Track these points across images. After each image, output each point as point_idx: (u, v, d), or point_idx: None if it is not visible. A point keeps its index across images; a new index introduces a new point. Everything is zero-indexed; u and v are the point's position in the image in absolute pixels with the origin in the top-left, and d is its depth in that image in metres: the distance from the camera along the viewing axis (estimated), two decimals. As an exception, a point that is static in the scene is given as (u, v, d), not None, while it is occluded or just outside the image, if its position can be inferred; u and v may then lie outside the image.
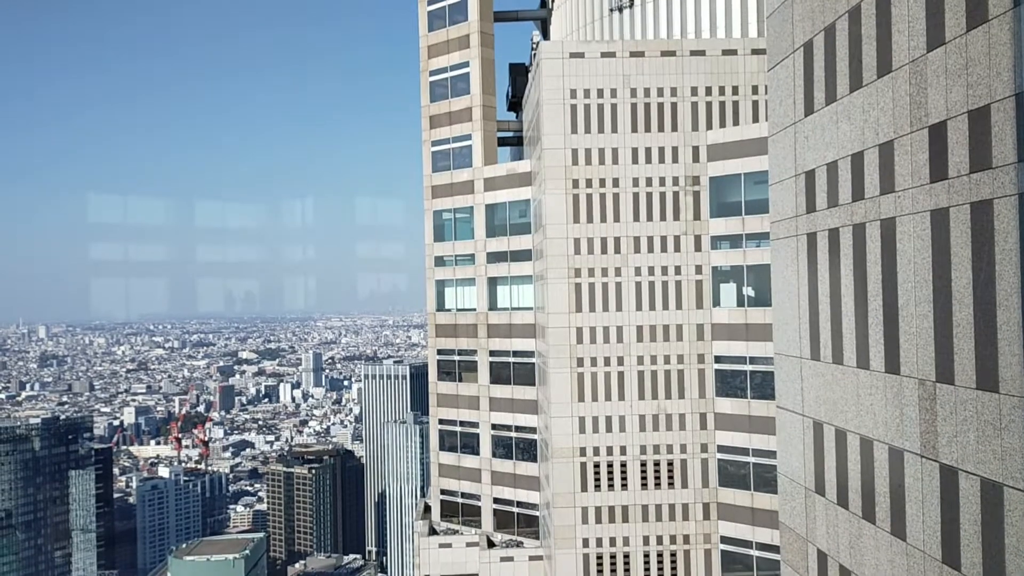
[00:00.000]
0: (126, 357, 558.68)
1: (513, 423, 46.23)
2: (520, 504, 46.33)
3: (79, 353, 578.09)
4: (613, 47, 40.12)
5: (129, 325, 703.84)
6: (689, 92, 39.86)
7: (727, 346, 39.26)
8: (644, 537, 39.97)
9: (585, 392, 39.90)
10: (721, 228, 39.38)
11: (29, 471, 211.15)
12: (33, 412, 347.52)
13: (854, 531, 18.42)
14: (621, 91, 39.75)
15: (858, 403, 18.05)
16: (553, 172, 39.88)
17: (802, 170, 20.44)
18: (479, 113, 47.34)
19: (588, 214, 39.88)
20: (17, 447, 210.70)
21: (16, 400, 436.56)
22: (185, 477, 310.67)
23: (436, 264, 49.89)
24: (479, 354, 47.55)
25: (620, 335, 39.90)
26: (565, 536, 39.96)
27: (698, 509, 39.97)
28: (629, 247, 39.84)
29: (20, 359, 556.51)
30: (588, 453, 39.96)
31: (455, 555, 46.65)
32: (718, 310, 39.62)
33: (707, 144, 39.64)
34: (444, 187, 49.06)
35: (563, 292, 39.93)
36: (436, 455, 50.09)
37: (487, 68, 47.50)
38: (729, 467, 39.55)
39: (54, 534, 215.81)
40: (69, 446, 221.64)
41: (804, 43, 20.10)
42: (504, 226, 46.84)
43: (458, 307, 48.96)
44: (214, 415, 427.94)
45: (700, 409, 39.88)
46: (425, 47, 49.76)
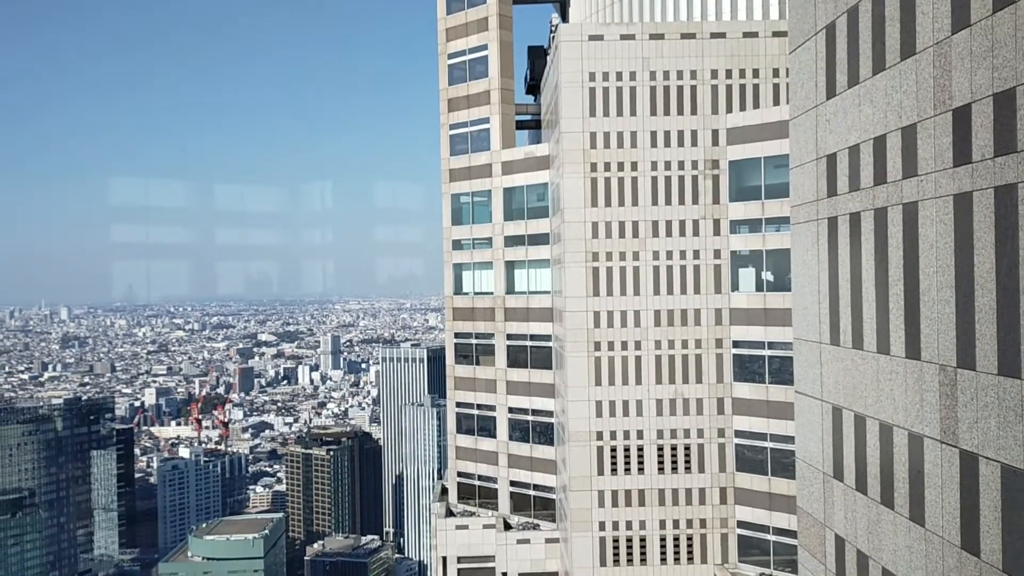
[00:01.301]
0: (147, 339, 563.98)
1: (530, 406, 46.34)
2: (537, 487, 46.50)
3: (101, 335, 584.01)
4: (632, 29, 39.81)
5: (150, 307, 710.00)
6: (709, 75, 39.53)
7: (745, 331, 39.11)
8: (660, 521, 40.04)
9: (602, 376, 39.90)
10: (740, 212, 39.13)
11: (52, 451, 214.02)
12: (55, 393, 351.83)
13: (872, 516, 18.37)
14: (640, 74, 39.48)
15: (878, 388, 17.95)
16: (571, 155, 39.74)
17: (823, 153, 20.26)
18: (497, 96, 47.17)
19: (606, 198, 39.74)
20: (40, 427, 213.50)
21: (39, 381, 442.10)
22: (205, 458, 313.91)
23: (454, 248, 49.92)
24: (496, 338, 47.63)
25: (638, 319, 39.83)
26: (581, 519, 40.09)
27: (715, 493, 39.98)
28: (647, 231, 39.69)
29: (42, 340, 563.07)
30: (605, 437, 40.01)
31: (472, 537, 46.92)
32: (736, 295, 39.45)
33: (727, 127, 39.34)
34: (462, 170, 49.00)
35: (581, 276, 39.87)
36: (453, 438, 50.33)
37: (505, 51, 47.28)
38: (746, 452, 39.49)
39: (76, 513, 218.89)
40: (91, 427, 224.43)
41: (826, 25, 19.87)
42: (522, 210, 46.76)
43: (475, 291, 49.02)
44: (234, 396, 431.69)
45: (718, 394, 39.81)
46: (443, 30, 49.58)
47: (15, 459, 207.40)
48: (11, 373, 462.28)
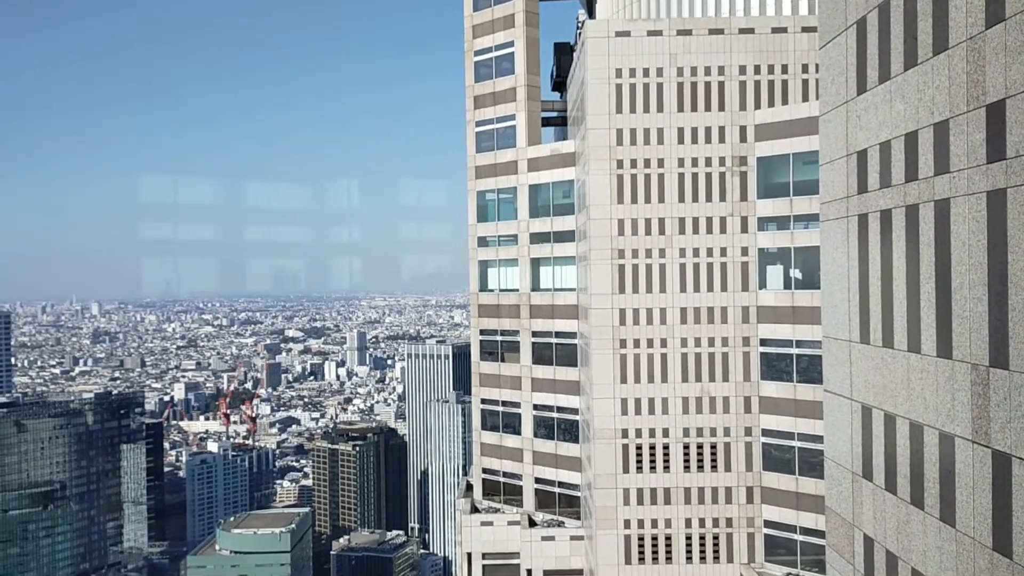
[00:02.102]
0: (176, 334, 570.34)
1: (555, 404, 46.31)
2: (561, 484, 46.47)
3: (131, 330, 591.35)
4: (660, 25, 39.61)
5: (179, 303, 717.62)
6: (737, 71, 39.24)
7: (773, 329, 38.80)
8: (686, 520, 39.87)
9: (628, 374, 39.78)
10: (768, 209, 38.83)
11: (82, 445, 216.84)
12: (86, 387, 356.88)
13: (902, 516, 18.17)
14: (667, 70, 39.28)
15: (908, 387, 17.75)
16: (597, 152, 39.63)
17: (854, 150, 20.05)
18: (523, 93, 47.14)
19: (632, 195, 39.59)
20: (71, 421, 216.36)
21: (70, 375, 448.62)
22: (233, 452, 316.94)
23: (479, 244, 49.97)
24: (521, 334, 47.64)
25: (664, 317, 39.66)
26: (606, 517, 40.02)
27: (741, 493, 39.74)
28: (674, 228, 39.49)
29: (74, 335, 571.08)
30: (630, 435, 39.89)
31: (497, 533, 47.01)
32: (764, 292, 39.15)
33: (755, 124, 39.04)
34: (488, 167, 49.02)
35: (606, 273, 39.76)
36: (478, 434, 50.43)
37: (532, 48, 47.24)
38: (773, 451, 39.21)
39: (106, 506, 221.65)
40: (121, 420, 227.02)
41: (857, 20, 19.65)
42: (547, 207, 46.70)
43: (501, 287, 49.04)
44: (261, 392, 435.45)
45: (744, 392, 39.55)
46: (470, 27, 49.62)
47: (47, 452, 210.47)
48: (43, 368, 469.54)
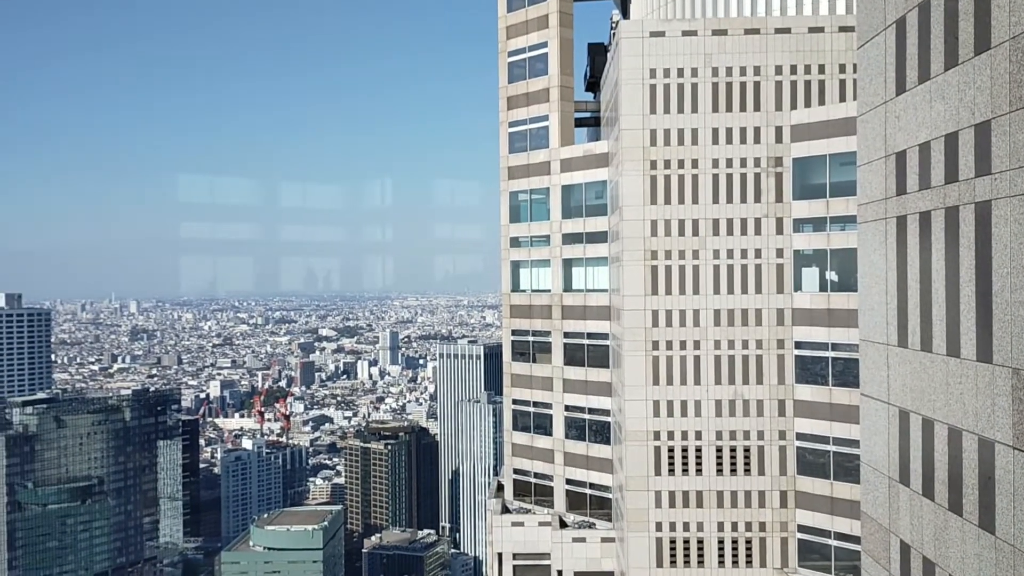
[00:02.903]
0: (212, 332, 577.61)
1: (586, 405, 46.20)
2: (592, 486, 46.35)
3: (168, 328, 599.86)
4: (695, 25, 39.37)
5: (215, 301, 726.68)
6: (773, 71, 38.88)
7: (808, 332, 38.38)
8: (719, 523, 39.57)
9: (660, 376, 39.57)
10: (804, 211, 38.42)
11: (120, 440, 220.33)
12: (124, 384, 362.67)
13: (940, 523, 17.90)
14: (702, 70, 39.02)
15: (947, 392, 17.48)
16: (631, 153, 39.48)
17: (892, 151, 19.78)
18: (556, 94, 47.10)
19: (666, 195, 39.38)
20: (109, 417, 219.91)
21: (108, 372, 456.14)
22: (267, 449, 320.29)
23: (511, 245, 50.01)
24: (553, 335, 47.59)
25: (697, 319, 39.39)
26: (638, 519, 39.85)
27: (775, 497, 39.35)
28: (708, 229, 39.22)
29: (112, 333, 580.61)
30: (662, 437, 39.68)
31: (527, 534, 47.01)
32: (799, 295, 38.74)
33: (791, 124, 38.65)
34: (520, 168, 49.05)
35: (639, 274, 39.59)
36: (509, 435, 50.46)
37: (565, 48, 47.17)
38: (808, 455, 38.79)
39: (143, 501, 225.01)
40: (158, 417, 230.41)
41: (896, 20, 19.39)
42: (580, 207, 46.62)
43: (533, 288, 49.04)
44: (295, 390, 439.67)
45: (779, 395, 39.16)
46: (504, 28, 49.69)
47: (85, 448, 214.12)
48: (82, 364, 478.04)
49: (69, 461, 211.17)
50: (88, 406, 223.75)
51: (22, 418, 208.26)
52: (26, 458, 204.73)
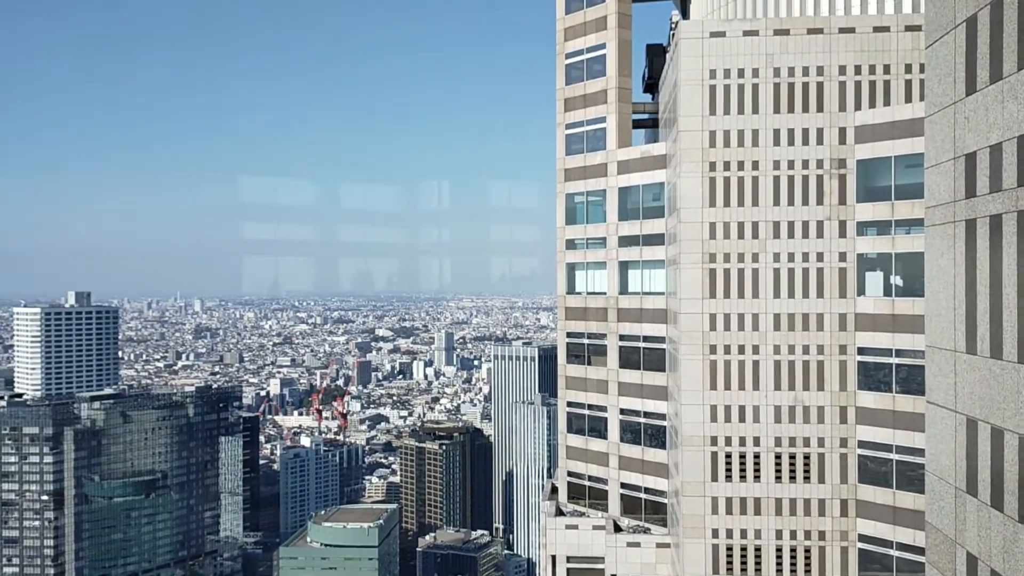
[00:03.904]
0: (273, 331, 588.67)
1: (642, 408, 45.87)
2: (648, 490, 46.00)
3: (230, 326, 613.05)
4: (756, 25, 38.83)
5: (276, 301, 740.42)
6: (836, 71, 38.13)
7: (871, 337, 37.52)
8: (777, 531, 38.91)
9: (718, 380, 39.09)
10: (868, 213, 37.59)
11: (183, 436, 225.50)
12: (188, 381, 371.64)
13: (1009, 535, 17.36)
14: (764, 71, 38.46)
15: (1017, 400, 16.95)
16: (689, 154, 39.09)
17: (962, 153, 19.25)
18: (614, 95, 46.86)
19: (725, 198, 38.90)
20: (173, 413, 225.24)
21: (173, 369, 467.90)
22: (325, 447, 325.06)
23: (567, 247, 49.90)
24: (608, 338, 47.35)
25: (756, 323, 38.81)
26: (694, 525, 39.42)
27: (835, 505, 38.56)
28: (768, 232, 38.62)
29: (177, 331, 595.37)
30: (719, 442, 39.19)
31: (581, 537, 46.84)
32: (863, 299, 37.90)
33: (855, 125, 37.85)
34: (577, 170, 48.93)
35: (697, 277, 39.17)
36: (564, 437, 50.34)
37: (624, 49, 46.93)
38: (870, 463, 37.92)
39: (204, 496, 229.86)
40: (220, 414, 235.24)
41: (967, 18, 18.87)
42: (637, 209, 46.32)
43: (588, 290, 48.87)
44: (352, 389, 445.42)
45: (840, 402, 38.36)
46: (562, 30, 49.63)
47: (150, 443, 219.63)
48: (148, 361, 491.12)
49: (134, 455, 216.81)
50: (153, 402, 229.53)
51: (90, 413, 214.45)
52: (93, 452, 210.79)
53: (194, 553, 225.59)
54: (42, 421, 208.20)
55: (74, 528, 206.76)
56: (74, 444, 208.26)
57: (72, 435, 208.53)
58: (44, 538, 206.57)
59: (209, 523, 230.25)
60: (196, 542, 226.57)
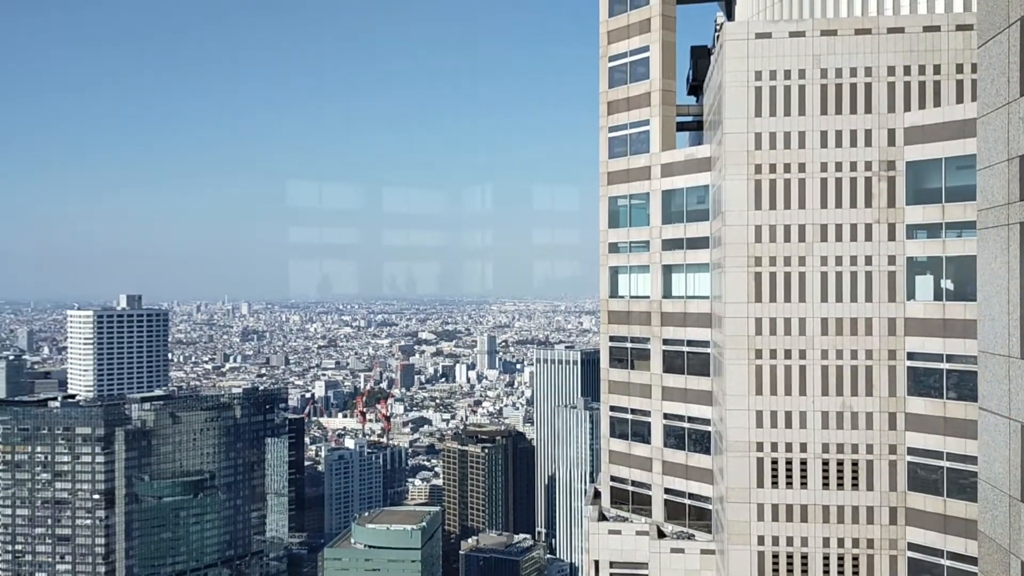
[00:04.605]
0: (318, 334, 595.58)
1: (686, 413, 45.51)
2: (692, 496, 45.62)
3: (276, 329, 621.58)
4: (803, 26, 38.38)
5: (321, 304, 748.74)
6: (885, 72, 37.51)
7: (922, 342, 36.80)
8: (824, 539, 38.32)
9: (763, 385, 38.63)
10: (918, 216, 36.89)
11: (230, 437, 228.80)
12: (235, 382, 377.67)
13: (1067, 548, 16.90)
14: (810, 71, 37.98)
15: (1075, 409, 16.50)
16: (734, 157, 38.74)
17: (1016, 154, 18.82)
18: (658, 98, 46.65)
19: (771, 200, 38.46)
20: (221, 414, 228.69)
21: (221, 371, 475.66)
22: (368, 449, 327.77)
23: (610, 251, 49.73)
24: (652, 342, 47.08)
25: (803, 327, 38.30)
26: (739, 532, 38.99)
27: (884, 513, 37.86)
28: (815, 235, 38.09)
29: (225, 333, 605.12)
30: (765, 448, 38.72)
31: (624, 542, 46.61)
32: (912, 304, 37.20)
33: (904, 127, 37.19)
34: (620, 173, 48.77)
35: (742, 281, 38.78)
36: (606, 442, 50.14)
37: (668, 52, 46.69)
38: (920, 470, 37.18)
39: (251, 496, 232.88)
40: (266, 415, 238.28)
41: (1021, 17, 18.46)
42: (681, 213, 46.02)
43: (631, 294, 48.64)
44: (395, 392, 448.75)
45: (889, 408, 37.68)
46: (605, 33, 49.53)
47: (198, 443, 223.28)
48: (196, 363, 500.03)
49: (183, 456, 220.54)
50: (201, 403, 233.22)
51: (140, 414, 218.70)
52: (143, 452, 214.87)
53: (240, 553, 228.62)
54: (94, 422, 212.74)
55: (124, 527, 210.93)
56: (125, 444, 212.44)
57: (123, 435, 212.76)
58: (95, 536, 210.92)
59: (255, 523, 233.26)
60: (243, 542, 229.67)
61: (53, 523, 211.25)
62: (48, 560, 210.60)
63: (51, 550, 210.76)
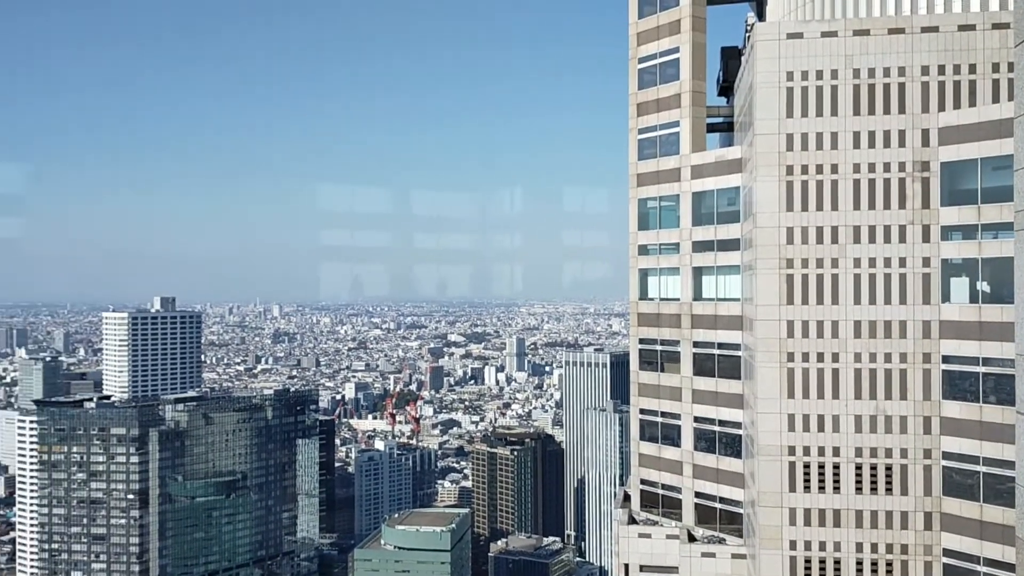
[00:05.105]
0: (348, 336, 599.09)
1: (716, 416, 45.19)
2: (723, 500, 45.27)
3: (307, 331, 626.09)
4: (835, 26, 38.01)
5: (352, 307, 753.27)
6: (919, 71, 37.04)
7: (957, 345, 36.26)
8: (857, 544, 37.87)
9: (795, 388, 38.27)
10: (953, 217, 36.37)
11: (262, 438, 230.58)
12: (267, 384, 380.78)
13: (1107, 556, 16.57)
14: (843, 72, 37.60)
15: (1116, 414, 16.18)
16: (766, 158, 38.44)
17: (1053, 154, 18.50)
18: (688, 99, 46.39)
19: (803, 202, 38.11)
20: (252, 416, 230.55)
21: (252, 372, 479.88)
22: (398, 451, 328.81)
23: (640, 253, 49.51)
24: (682, 345, 46.80)
25: (836, 330, 37.89)
26: (771, 536, 38.64)
27: (918, 518, 37.34)
28: (847, 237, 37.68)
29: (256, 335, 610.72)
30: (797, 452, 38.35)
31: (655, 546, 46.35)
32: (947, 306, 36.67)
33: (939, 127, 36.69)
34: (650, 175, 48.55)
35: (774, 283, 38.46)
36: (636, 445, 49.90)
37: (698, 52, 46.42)
38: (955, 475, 36.62)
39: (282, 497, 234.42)
40: (297, 416, 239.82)
41: (1060, 12, 18.13)
42: (711, 214, 45.73)
43: (661, 296, 48.40)
44: (425, 394, 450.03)
45: (924, 412, 37.16)
46: (634, 34, 49.35)
47: (231, 444, 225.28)
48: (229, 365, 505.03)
49: (215, 456, 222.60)
50: (234, 404, 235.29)
51: (174, 415, 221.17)
52: (177, 452, 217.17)
53: (272, 553, 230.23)
54: (129, 422, 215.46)
55: (158, 526, 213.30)
56: (159, 445, 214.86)
57: (157, 436, 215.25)
58: (130, 536, 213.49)
59: (287, 524, 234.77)
60: (274, 542, 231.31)
61: (88, 522, 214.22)
62: (84, 559, 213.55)
63: (86, 549, 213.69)
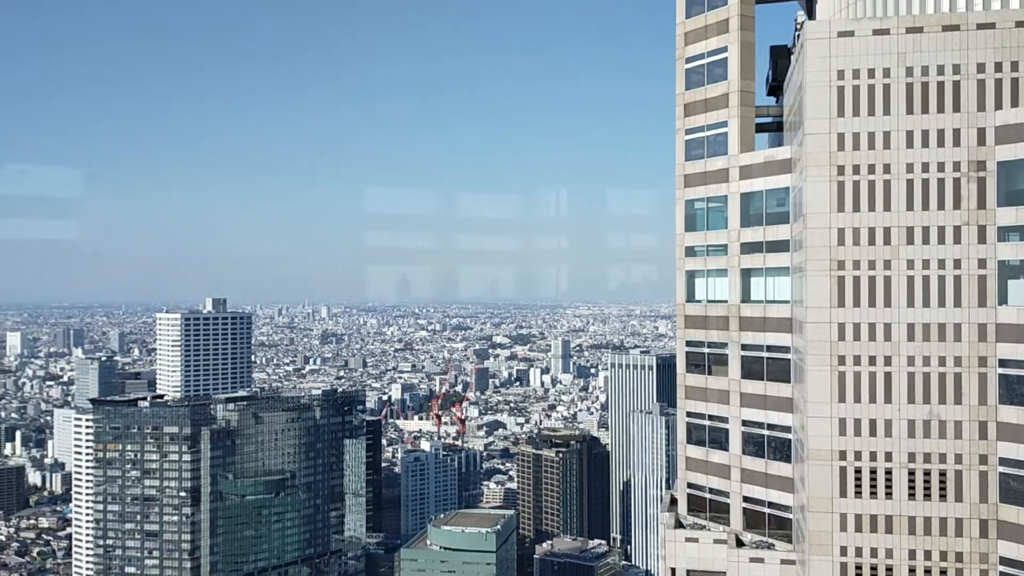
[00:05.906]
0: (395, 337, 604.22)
1: (765, 420, 44.65)
2: (771, 504, 44.72)
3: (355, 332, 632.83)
4: (887, 23, 37.35)
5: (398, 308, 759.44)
6: (975, 69, 36.22)
7: (1015, 349, 35.36)
8: (910, 551, 37.12)
9: (847, 392, 37.66)
10: (1011, 218, 35.49)
11: (310, 438, 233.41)
12: (315, 384, 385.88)
13: None
14: (895, 70, 36.92)
15: None
16: (816, 158, 37.91)
17: (1117, 152, 18.01)
18: (736, 99, 45.92)
19: (854, 202, 37.49)
20: (301, 415, 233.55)
21: (301, 373, 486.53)
22: (444, 452, 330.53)
23: (687, 254, 49.13)
24: (730, 347, 46.33)
25: (888, 333, 37.20)
26: (821, 542, 38.05)
27: (973, 526, 36.48)
28: (900, 238, 36.98)
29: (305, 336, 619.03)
30: (848, 457, 37.72)
31: (702, 551, 45.93)
32: (1004, 309, 35.78)
33: (995, 125, 35.82)
34: (697, 176, 48.17)
35: (824, 285, 37.89)
36: (683, 448, 49.50)
37: (746, 52, 45.93)
38: (1012, 482, 35.72)
39: (330, 496, 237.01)
40: (344, 417, 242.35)
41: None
42: (760, 215, 45.21)
43: (708, 298, 47.96)
44: (470, 395, 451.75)
45: (980, 417, 36.30)
46: (682, 34, 49.01)
47: (280, 443, 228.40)
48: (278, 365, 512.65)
49: (265, 455, 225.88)
50: (283, 404, 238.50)
51: (224, 414, 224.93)
52: (227, 451, 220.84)
53: (320, 552, 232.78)
54: (181, 421, 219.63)
55: (209, 524, 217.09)
56: (210, 443, 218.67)
57: (208, 435, 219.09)
58: (182, 533, 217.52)
59: (334, 523, 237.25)
60: (322, 541, 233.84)
61: (142, 519, 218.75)
62: (137, 555, 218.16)
63: (140, 545, 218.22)
